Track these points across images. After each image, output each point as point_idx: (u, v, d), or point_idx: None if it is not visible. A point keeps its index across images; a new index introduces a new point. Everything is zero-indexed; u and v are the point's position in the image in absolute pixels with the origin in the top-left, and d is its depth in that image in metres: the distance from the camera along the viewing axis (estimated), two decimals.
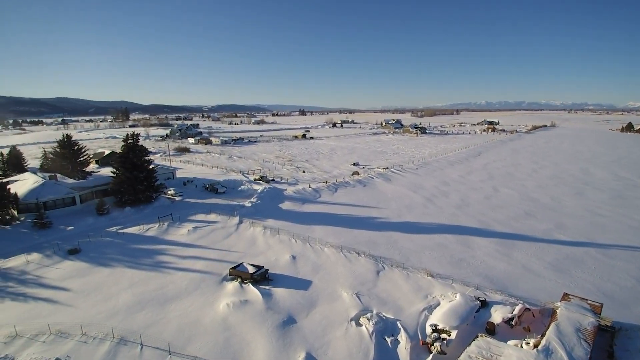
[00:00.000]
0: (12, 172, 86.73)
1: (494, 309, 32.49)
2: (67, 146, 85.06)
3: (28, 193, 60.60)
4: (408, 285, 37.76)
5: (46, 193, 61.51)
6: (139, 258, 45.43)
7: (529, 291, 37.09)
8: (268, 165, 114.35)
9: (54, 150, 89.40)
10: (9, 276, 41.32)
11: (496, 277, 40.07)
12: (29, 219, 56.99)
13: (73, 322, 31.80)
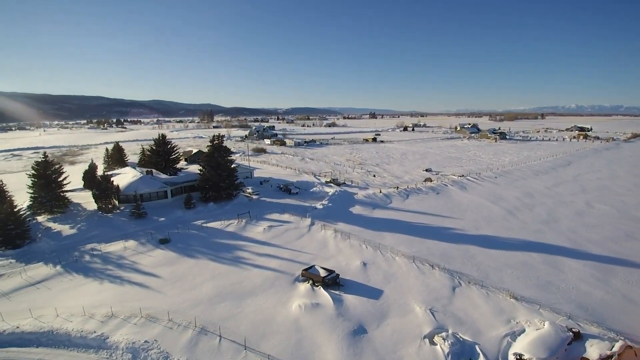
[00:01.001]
0: (115, 166, 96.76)
1: (589, 343, 28.61)
2: (161, 144, 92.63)
3: (128, 186, 66.96)
4: (488, 305, 34.85)
5: (143, 186, 67.50)
6: (219, 252, 47.77)
7: (632, 326, 32.23)
8: (339, 168, 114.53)
9: (150, 148, 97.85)
10: (109, 260, 45.85)
11: (592, 307, 35.37)
12: (127, 209, 62.94)
13: (161, 308, 34.17)
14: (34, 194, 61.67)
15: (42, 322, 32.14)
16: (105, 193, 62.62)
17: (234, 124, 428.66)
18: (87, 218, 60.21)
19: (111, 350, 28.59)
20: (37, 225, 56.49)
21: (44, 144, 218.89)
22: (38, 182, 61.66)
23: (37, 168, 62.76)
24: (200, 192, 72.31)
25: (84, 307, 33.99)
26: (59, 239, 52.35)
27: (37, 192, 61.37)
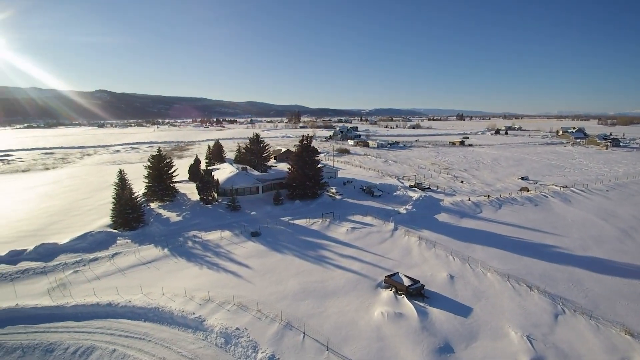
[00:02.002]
0: (215, 161, 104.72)
1: None
2: (255, 143, 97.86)
3: (226, 180, 71.83)
4: (597, 340, 30.08)
5: (238, 181, 71.88)
6: (304, 249, 48.64)
7: None
8: (423, 171, 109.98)
9: (245, 146, 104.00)
10: (207, 247, 49.42)
11: None
12: (224, 202, 67.50)
13: (251, 298, 35.69)
14: (148, 184, 69.35)
15: (150, 299, 35.65)
16: (206, 186, 67.98)
17: (318, 124, 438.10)
18: (191, 207, 65.95)
19: (207, 333, 30.55)
20: (150, 211, 63.40)
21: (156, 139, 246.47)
22: (152, 173, 69.17)
23: (152, 161, 70.38)
24: (288, 189, 74.65)
25: (185, 289, 36.98)
26: (167, 225, 58.05)
27: (151, 182, 68.92)
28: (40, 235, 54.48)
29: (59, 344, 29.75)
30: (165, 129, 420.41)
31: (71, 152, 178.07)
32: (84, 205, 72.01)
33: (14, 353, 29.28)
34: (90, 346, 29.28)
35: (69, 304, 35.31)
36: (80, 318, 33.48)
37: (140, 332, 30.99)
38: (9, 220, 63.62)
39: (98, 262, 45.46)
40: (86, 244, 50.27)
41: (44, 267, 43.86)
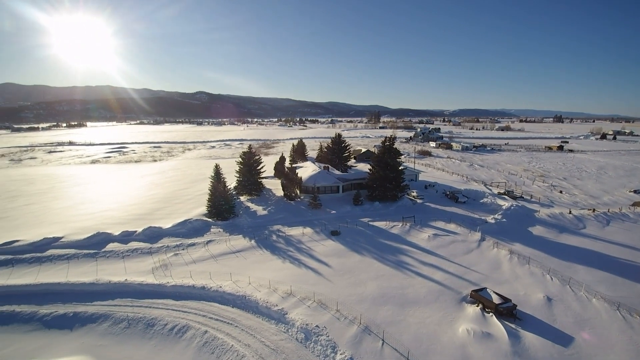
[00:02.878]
0: (298, 159, 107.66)
1: None
2: (337, 143, 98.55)
3: (308, 178, 73.29)
4: None
5: (320, 180, 72.85)
6: (384, 252, 47.35)
7: None
8: (514, 178, 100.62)
9: (327, 145, 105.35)
10: (290, 242, 50.68)
11: None
12: (306, 199, 68.91)
13: (331, 297, 35.59)
14: (239, 178, 73.63)
15: (238, 286, 37.49)
16: (290, 183, 70.10)
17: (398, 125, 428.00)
18: (275, 202, 68.51)
19: (288, 326, 31.12)
20: (240, 204, 67.21)
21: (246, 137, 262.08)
22: (243, 169, 73.27)
23: (243, 157, 74.50)
24: (368, 190, 73.62)
25: (270, 280, 38.25)
26: (254, 217, 60.96)
27: (241, 177, 73.07)
28: (147, 219, 60.84)
29: (159, 320, 32.68)
30: (254, 128, 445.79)
31: (174, 147, 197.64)
32: (184, 195, 78.99)
33: (120, 324, 32.84)
34: (185, 325, 31.66)
35: (169, 283, 38.70)
36: (178, 297, 36.46)
37: (228, 317, 32.72)
38: (122, 204, 72.31)
39: (194, 247, 49.35)
40: (185, 230, 54.91)
41: (149, 248, 48.90)
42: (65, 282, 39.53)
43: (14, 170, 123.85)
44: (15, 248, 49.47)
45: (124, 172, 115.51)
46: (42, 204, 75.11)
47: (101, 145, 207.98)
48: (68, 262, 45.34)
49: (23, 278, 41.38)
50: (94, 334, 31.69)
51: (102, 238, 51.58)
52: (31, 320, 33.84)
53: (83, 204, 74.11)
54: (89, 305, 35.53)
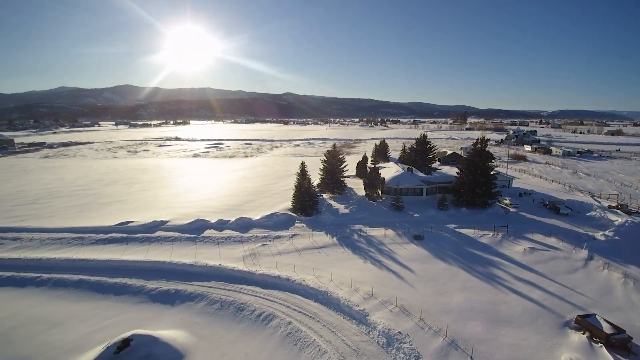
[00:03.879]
0: (379, 160, 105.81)
1: None
2: (421, 144, 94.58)
3: (391, 179, 71.30)
4: None
5: (403, 181, 70.38)
6: (472, 262, 43.76)
7: None
8: (628, 190, 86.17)
9: (411, 146, 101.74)
10: (371, 242, 49.58)
11: None
12: (388, 200, 67.10)
13: (414, 303, 33.79)
14: (322, 176, 74.52)
15: (320, 282, 37.61)
16: (373, 183, 68.86)
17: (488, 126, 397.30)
18: (357, 202, 67.89)
19: (369, 329, 30.25)
20: (323, 201, 67.94)
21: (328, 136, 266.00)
22: (326, 167, 73.99)
23: (328, 156, 75.21)
24: (454, 194, 69.10)
25: (351, 279, 37.73)
26: (336, 215, 61.06)
27: (325, 175, 73.85)
28: (239, 210, 64.62)
29: (247, 305, 34.18)
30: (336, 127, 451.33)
31: (263, 144, 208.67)
32: (271, 189, 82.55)
33: (214, 304, 35.01)
34: (271, 313, 32.62)
35: (257, 272, 40.37)
36: (265, 286, 37.83)
37: (311, 311, 32.95)
38: (218, 195, 77.91)
39: (280, 239, 51.01)
40: (272, 222, 57.11)
41: (241, 237, 51.78)
42: (169, 262, 43.60)
43: (131, 161, 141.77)
44: (130, 228, 56.08)
45: (220, 166, 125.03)
46: (152, 190, 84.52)
47: (201, 141, 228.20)
48: (172, 244, 50.07)
49: (135, 255, 46.60)
50: (191, 311, 34.30)
51: (201, 224, 56.03)
52: (139, 293, 37.80)
53: (186, 192, 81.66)
54: (188, 284, 38.64)
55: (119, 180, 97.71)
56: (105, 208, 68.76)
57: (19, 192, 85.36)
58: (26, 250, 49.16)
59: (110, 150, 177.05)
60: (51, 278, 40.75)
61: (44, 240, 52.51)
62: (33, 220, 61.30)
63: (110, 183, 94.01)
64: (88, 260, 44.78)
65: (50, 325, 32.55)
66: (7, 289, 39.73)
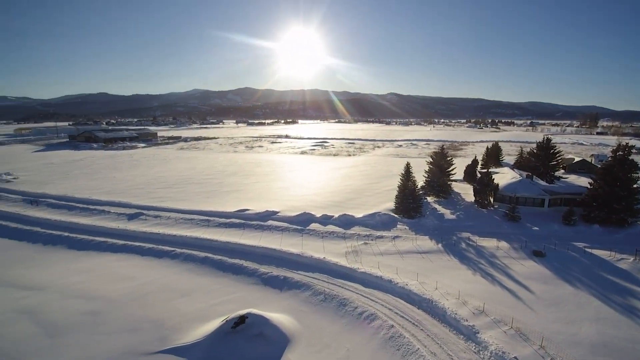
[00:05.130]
0: (490, 164, 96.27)
1: None
2: (543, 148, 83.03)
3: (507, 186, 64.20)
4: None
5: (521, 189, 62.73)
6: (607, 290, 36.59)
7: None
8: None
9: (530, 150, 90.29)
10: (482, 253, 45.18)
11: None
12: (501, 209, 60.56)
13: (532, 328, 29.58)
14: (427, 178, 70.86)
15: (424, 289, 35.57)
16: (484, 189, 62.93)
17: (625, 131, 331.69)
18: (465, 208, 62.90)
19: (480, 347, 27.41)
20: (427, 204, 64.63)
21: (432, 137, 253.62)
22: (432, 169, 70.14)
23: (434, 157, 71.28)
24: (584, 208, 59.00)
25: (459, 290, 34.86)
26: (441, 220, 57.43)
27: (430, 177, 70.10)
28: (341, 207, 65.42)
29: (350, 301, 34.11)
30: (440, 128, 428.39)
31: (366, 144, 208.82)
32: (373, 189, 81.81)
33: (318, 296, 35.75)
34: (373, 313, 31.98)
35: (359, 269, 40.11)
36: (366, 285, 37.37)
37: (414, 318, 31.37)
38: (323, 191, 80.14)
39: (382, 240, 50.01)
40: (374, 221, 56.39)
41: (343, 234, 52.27)
42: (279, 249, 46.21)
43: (248, 155, 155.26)
44: (246, 215, 61.08)
45: (324, 163, 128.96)
46: (265, 183, 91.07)
47: (308, 140, 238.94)
48: (282, 233, 53.05)
49: (250, 240, 50.49)
50: (297, 299, 35.66)
51: (307, 218, 58.22)
52: (253, 275, 40.68)
53: (294, 187, 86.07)
54: (295, 273, 40.35)
55: (238, 172, 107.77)
56: (227, 196, 76.31)
57: (160, 177, 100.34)
58: (164, 227, 57.17)
59: (232, 145, 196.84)
60: (183, 253, 46.48)
61: (178, 220, 60.47)
62: (170, 202, 71.14)
63: (231, 174, 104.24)
64: (212, 240, 50.10)
65: (180, 294, 37.11)
66: (148, 258, 46.55)
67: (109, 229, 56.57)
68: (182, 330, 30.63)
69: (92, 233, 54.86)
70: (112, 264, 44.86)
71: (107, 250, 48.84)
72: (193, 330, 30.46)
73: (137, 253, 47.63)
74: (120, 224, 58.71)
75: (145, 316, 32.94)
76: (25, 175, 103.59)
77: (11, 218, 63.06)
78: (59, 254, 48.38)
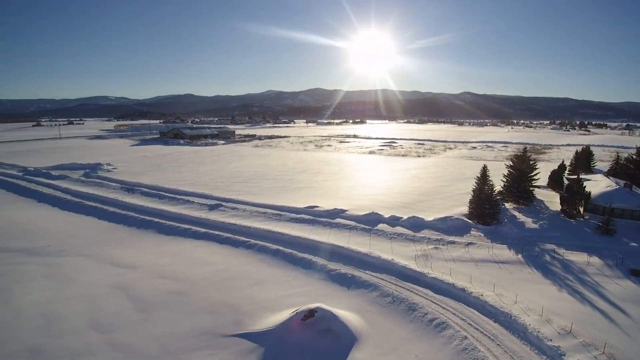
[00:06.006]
0: (579, 170, 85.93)
1: None
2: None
3: (600, 195, 56.77)
4: None
5: (618, 199, 54.93)
6: None
7: None
8: None
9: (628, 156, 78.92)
10: (569, 268, 40.46)
11: None
12: (593, 220, 53.70)
13: (629, 356, 25.74)
14: (506, 183, 65.44)
15: (502, 301, 32.82)
16: (573, 197, 56.31)
17: None
18: (549, 217, 56.89)
19: None
20: (505, 211, 59.75)
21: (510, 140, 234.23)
22: (513, 173, 64.57)
23: (515, 160, 65.60)
24: None
25: (542, 307, 31.57)
26: (521, 229, 52.63)
27: (509, 182, 64.63)
28: (410, 209, 63.32)
29: (419, 307, 32.79)
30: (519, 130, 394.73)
31: (436, 145, 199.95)
32: (444, 192, 77.94)
33: (386, 297, 34.90)
34: (445, 322, 30.34)
35: (429, 274, 38.39)
36: (437, 291, 35.61)
37: (489, 331, 29.14)
38: (391, 191, 78.39)
39: (454, 245, 47.36)
40: (445, 226, 53.66)
41: (413, 236, 50.50)
42: (346, 247, 46.15)
43: (317, 154, 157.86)
44: (315, 212, 62.03)
45: (392, 163, 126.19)
46: (334, 181, 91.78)
47: (376, 140, 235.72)
48: (349, 232, 52.96)
49: (319, 236, 51.08)
50: (365, 298, 35.23)
51: (375, 218, 57.36)
52: (321, 270, 41.08)
53: (362, 186, 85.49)
54: (362, 272, 39.97)
55: (308, 170, 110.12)
56: (297, 192, 78.38)
57: (237, 172, 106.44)
58: (240, 218, 60.41)
59: (302, 144, 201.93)
60: (257, 244, 48.67)
61: (253, 212, 63.51)
62: (246, 195, 75.01)
63: (301, 171, 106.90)
64: (283, 234, 51.77)
65: (254, 282, 38.86)
66: (225, 246, 49.44)
67: (193, 217, 61.41)
68: (255, 316, 32.06)
69: (178, 220, 60.05)
70: (195, 249, 48.59)
71: (191, 237, 53.01)
72: (265, 318, 31.71)
73: (216, 241, 50.98)
74: (202, 213, 63.40)
75: (223, 300, 35.08)
76: (123, 166, 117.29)
77: (111, 203, 71.72)
78: (150, 238, 53.71)
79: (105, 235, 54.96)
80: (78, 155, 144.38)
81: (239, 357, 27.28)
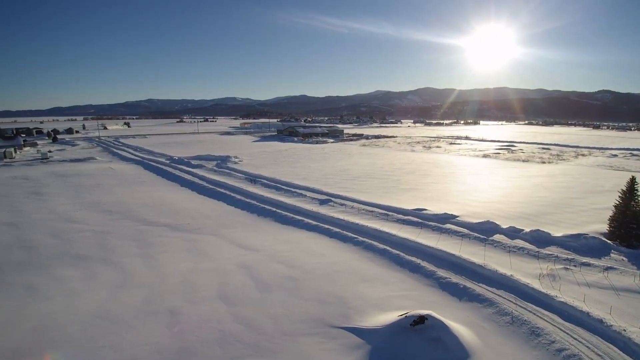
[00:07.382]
0: None
1: None
2: None
3: None
4: None
5: None
6: None
7: None
8: None
9: None
10: None
11: None
12: None
13: None
14: None
15: None
16: None
17: None
18: None
19: None
20: None
21: None
22: None
23: None
24: None
25: None
26: None
27: None
28: (532, 221, 56.04)
29: (545, 333, 28.81)
30: None
31: (565, 150, 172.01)
32: (575, 205, 66.77)
33: (504, 317, 31.37)
34: (576, 354, 26.07)
35: (557, 298, 33.40)
36: (567, 318, 30.79)
37: None
38: (509, 200, 70.51)
39: (589, 268, 40.23)
40: (577, 244, 45.99)
41: (537, 252, 44.55)
42: (457, 256, 43.19)
43: (425, 155, 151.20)
44: (424, 215, 59.62)
45: (511, 169, 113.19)
46: (443, 184, 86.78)
47: (491, 142, 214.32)
48: (461, 239, 49.46)
49: (427, 240, 48.91)
50: (479, 313, 32.47)
51: (491, 227, 52.37)
52: (430, 277, 39.24)
53: (475, 191, 78.87)
54: (475, 284, 36.94)
55: (415, 171, 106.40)
56: (404, 194, 76.45)
57: (345, 169, 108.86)
58: (348, 215, 61.65)
59: (409, 144, 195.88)
60: (364, 241, 49.05)
61: (360, 210, 64.24)
62: (354, 193, 76.24)
63: (409, 172, 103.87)
64: (390, 234, 51.14)
65: (362, 279, 39.27)
66: (334, 240, 50.92)
67: (305, 210, 65.14)
68: (363, 313, 32.43)
69: (292, 211, 64.42)
70: (307, 240, 51.44)
71: (303, 228, 56.29)
72: (372, 316, 31.83)
73: (325, 234, 53.11)
74: (314, 207, 66.76)
75: (332, 292, 36.38)
76: (247, 159, 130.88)
77: (237, 191, 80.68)
78: (268, 225, 58.71)
79: (232, 218, 62.09)
80: (211, 148, 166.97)
81: (346, 349, 27.94)
